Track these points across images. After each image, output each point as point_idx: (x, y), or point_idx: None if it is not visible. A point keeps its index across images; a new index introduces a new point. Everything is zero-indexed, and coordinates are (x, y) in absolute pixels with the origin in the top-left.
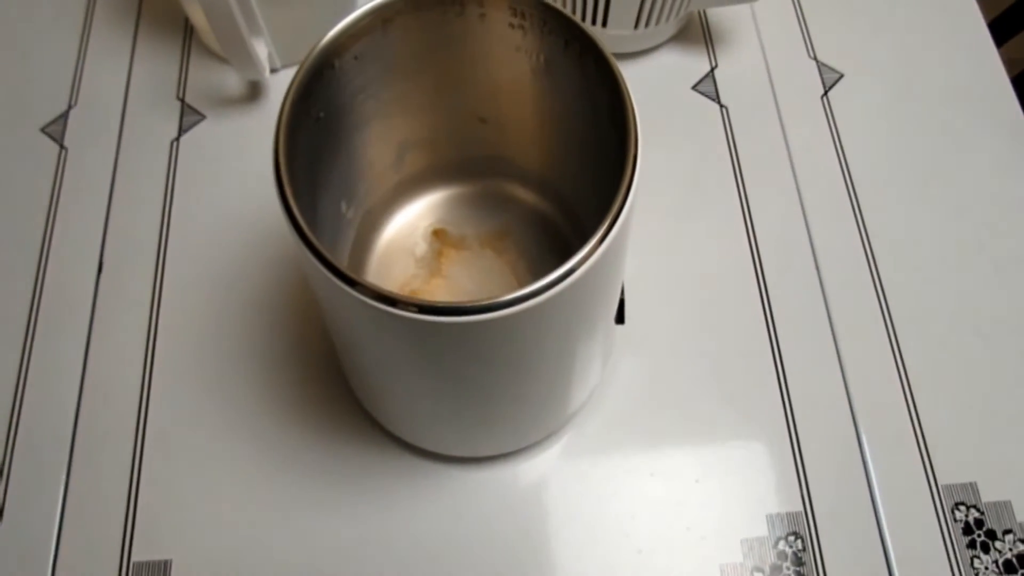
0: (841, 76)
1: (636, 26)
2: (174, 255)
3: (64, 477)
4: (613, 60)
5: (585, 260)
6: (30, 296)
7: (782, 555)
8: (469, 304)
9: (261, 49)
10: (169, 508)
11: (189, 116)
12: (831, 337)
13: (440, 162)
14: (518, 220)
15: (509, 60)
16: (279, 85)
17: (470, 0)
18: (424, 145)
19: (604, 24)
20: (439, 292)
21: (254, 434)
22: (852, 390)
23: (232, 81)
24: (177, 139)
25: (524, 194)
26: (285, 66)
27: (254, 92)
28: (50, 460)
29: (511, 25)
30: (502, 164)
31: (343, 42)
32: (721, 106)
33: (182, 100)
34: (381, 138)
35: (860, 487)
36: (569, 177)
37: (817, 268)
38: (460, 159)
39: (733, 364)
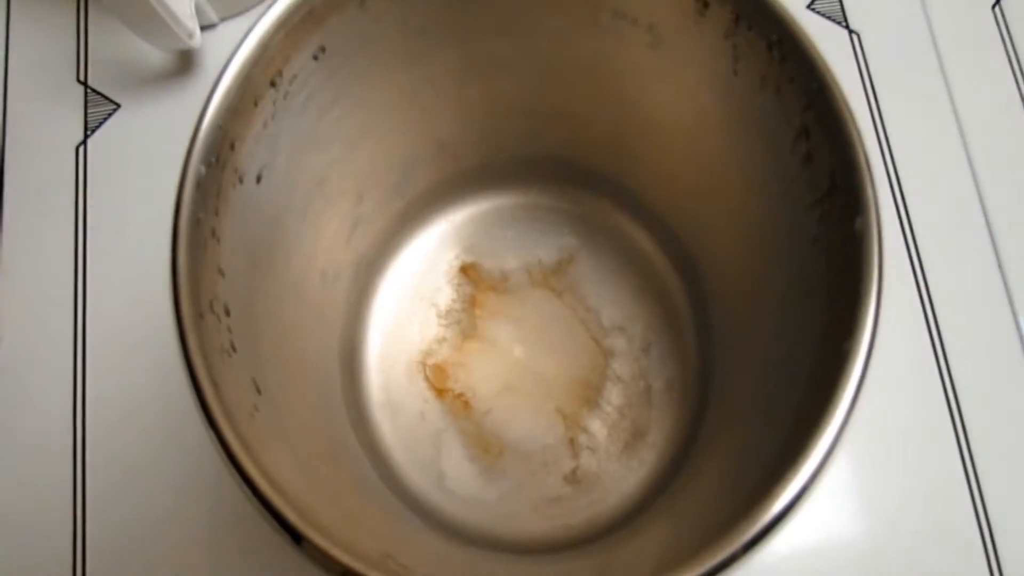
0: None
1: None
2: (96, 316)
3: None
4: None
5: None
6: None
7: None
8: None
9: (182, 3)
10: None
11: (97, 106)
12: None
13: (462, 169)
14: (584, 240)
15: (589, 33)
16: (221, 45)
17: None
18: (441, 152)
19: None
20: (477, 367)
21: None
22: None
23: (151, 50)
24: (84, 142)
25: (588, 201)
26: (227, 18)
27: (184, 63)
28: None
29: None
30: (555, 166)
31: (287, 39)
32: (851, 32)
33: (85, 84)
34: (374, 160)
35: None
36: (663, 186)
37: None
38: (492, 163)
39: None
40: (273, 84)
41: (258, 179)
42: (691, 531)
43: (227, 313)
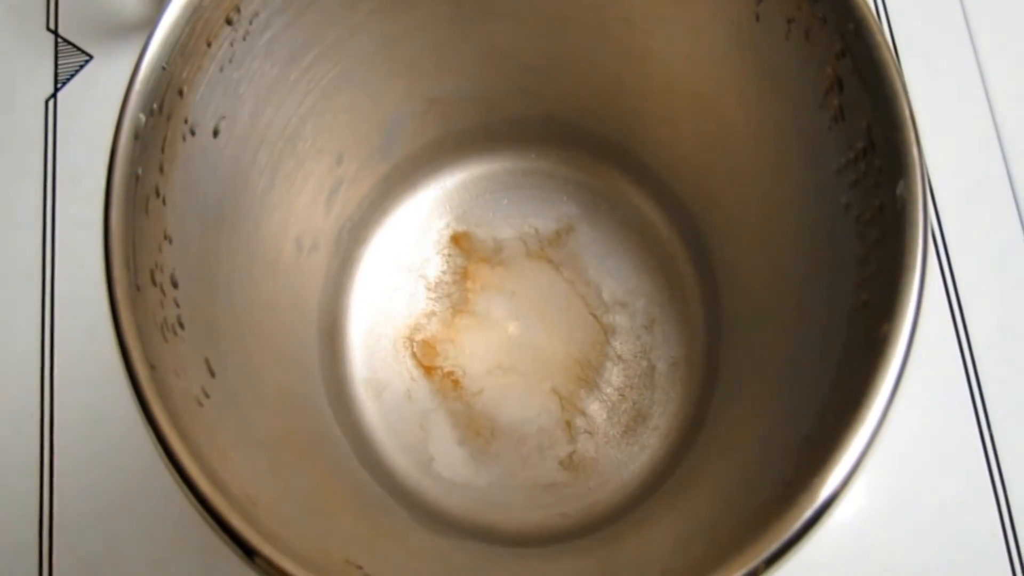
0: None
1: None
2: (64, 280)
3: None
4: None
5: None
6: None
7: None
8: None
9: None
10: None
11: (68, 57)
12: None
13: (454, 130)
14: (584, 208)
15: None
16: None
17: None
18: (431, 110)
19: None
20: (469, 344)
21: None
22: None
23: None
24: (54, 96)
25: (589, 166)
26: None
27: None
28: None
29: None
30: (554, 127)
31: None
32: None
33: (55, 32)
34: (355, 117)
35: None
36: (670, 149)
37: None
38: (485, 124)
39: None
40: (230, 22)
41: (215, 132)
42: (702, 536)
43: (174, 285)
